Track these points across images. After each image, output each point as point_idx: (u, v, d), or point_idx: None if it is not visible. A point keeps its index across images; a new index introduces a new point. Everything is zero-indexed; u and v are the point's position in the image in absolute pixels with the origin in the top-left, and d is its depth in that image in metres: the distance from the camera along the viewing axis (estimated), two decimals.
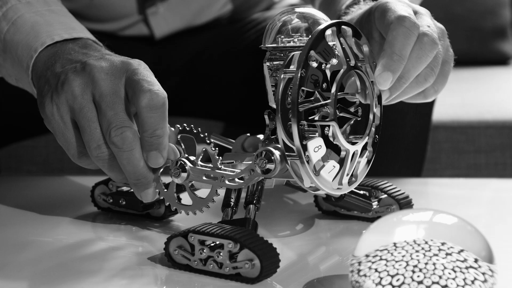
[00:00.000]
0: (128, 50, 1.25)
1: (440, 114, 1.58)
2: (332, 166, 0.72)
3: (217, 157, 0.75)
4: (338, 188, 0.73)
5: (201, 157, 0.76)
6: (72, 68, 0.79)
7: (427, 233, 0.57)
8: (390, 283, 0.55)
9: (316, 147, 0.70)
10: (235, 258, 0.67)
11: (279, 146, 0.71)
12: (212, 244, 0.68)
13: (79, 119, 0.77)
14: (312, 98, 0.71)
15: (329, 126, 0.71)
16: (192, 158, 0.76)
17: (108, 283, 0.69)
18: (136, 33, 1.25)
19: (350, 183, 0.74)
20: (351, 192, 0.82)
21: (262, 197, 0.74)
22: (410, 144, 1.14)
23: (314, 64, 0.70)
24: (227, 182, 0.74)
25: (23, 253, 0.77)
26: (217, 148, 0.75)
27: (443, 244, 0.56)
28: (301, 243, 0.79)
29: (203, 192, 0.76)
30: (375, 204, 0.82)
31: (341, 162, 0.72)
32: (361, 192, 0.82)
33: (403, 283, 0.55)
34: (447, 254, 0.56)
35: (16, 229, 0.84)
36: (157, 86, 0.76)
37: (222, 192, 0.75)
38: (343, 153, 0.73)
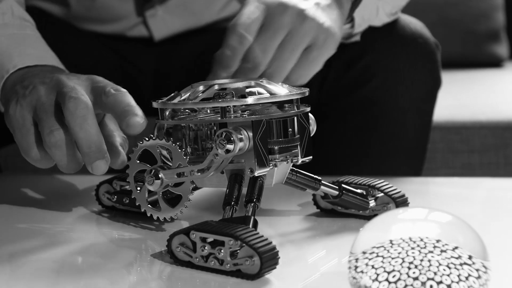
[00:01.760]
0: (131, 51, 1.26)
1: (435, 115, 1.58)
2: None
3: (184, 158, 0.75)
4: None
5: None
6: (41, 81, 0.82)
7: (422, 231, 0.57)
8: (387, 279, 0.55)
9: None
10: (235, 255, 0.67)
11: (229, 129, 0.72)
12: (213, 242, 0.68)
13: (38, 113, 0.80)
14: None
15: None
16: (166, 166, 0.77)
17: (112, 279, 0.69)
18: (136, 34, 1.25)
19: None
20: (349, 191, 0.82)
21: (262, 196, 0.74)
22: (411, 143, 1.13)
23: None
24: (198, 174, 0.74)
25: (27, 249, 0.77)
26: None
27: (438, 241, 0.56)
28: (300, 240, 0.79)
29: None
30: (372, 202, 0.82)
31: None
32: (359, 191, 0.83)
33: (399, 279, 0.55)
34: (442, 251, 0.56)
35: (21, 226, 0.85)
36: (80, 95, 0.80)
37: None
38: None
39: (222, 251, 0.67)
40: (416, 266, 0.55)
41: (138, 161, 0.77)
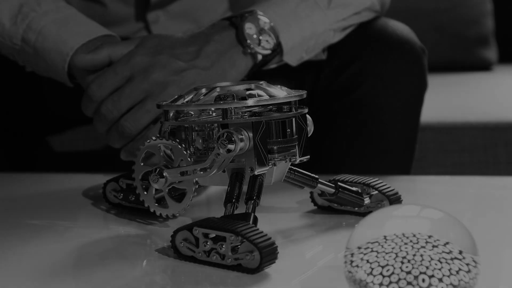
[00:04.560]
0: None
1: (426, 115, 1.58)
2: None
3: (189, 158, 0.75)
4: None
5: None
6: None
7: (415, 227, 0.57)
8: (381, 273, 0.55)
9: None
10: (236, 250, 0.67)
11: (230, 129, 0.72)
12: (215, 237, 0.68)
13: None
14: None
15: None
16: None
17: (118, 272, 0.69)
18: None
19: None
20: (345, 188, 0.82)
21: (262, 194, 0.74)
22: (400, 144, 1.13)
23: None
24: (200, 172, 0.74)
25: (37, 244, 0.77)
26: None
27: (429, 237, 0.56)
28: (298, 236, 0.79)
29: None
30: (367, 200, 0.82)
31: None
32: (354, 188, 0.83)
33: (392, 273, 0.55)
34: (433, 246, 0.56)
35: (31, 222, 0.85)
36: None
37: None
38: None
39: (223, 246, 0.67)
40: (409, 261, 0.55)
41: (142, 163, 0.77)
